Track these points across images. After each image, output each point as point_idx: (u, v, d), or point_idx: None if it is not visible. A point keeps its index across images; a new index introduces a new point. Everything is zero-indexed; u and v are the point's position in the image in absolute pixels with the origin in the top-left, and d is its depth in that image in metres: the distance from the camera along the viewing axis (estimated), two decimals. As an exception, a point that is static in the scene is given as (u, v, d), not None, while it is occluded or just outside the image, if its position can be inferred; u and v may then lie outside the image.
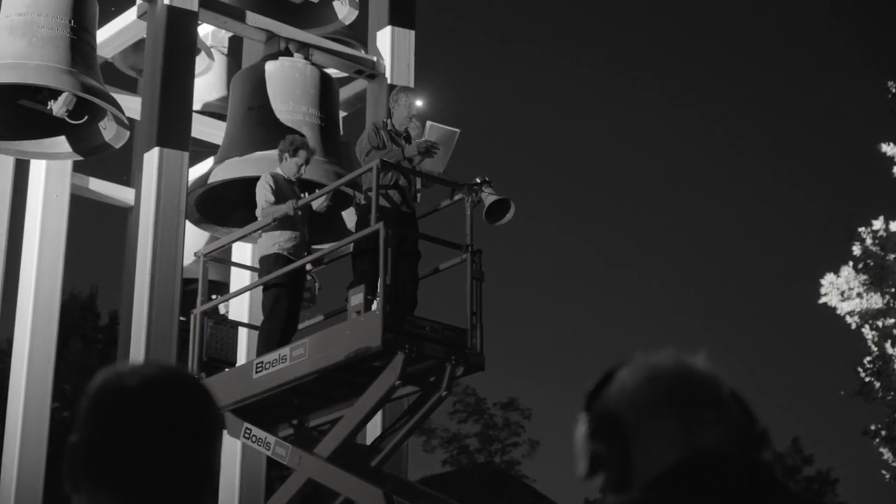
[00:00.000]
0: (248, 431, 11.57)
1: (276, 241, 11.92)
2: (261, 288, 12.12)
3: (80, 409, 2.38)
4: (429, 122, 11.64)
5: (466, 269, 11.17)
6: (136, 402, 2.33)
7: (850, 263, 29.06)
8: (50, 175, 14.55)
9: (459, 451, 47.33)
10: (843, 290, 28.80)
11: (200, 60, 15.86)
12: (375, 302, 10.73)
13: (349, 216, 14.20)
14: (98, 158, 14.13)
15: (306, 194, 12.78)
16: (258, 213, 12.02)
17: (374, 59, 15.13)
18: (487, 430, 47.57)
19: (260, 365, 11.38)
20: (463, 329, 10.98)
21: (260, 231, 12.07)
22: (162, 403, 2.33)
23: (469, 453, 47.39)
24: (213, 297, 16.03)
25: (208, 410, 2.38)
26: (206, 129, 15.57)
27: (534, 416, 48.85)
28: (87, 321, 36.70)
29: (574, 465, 2.27)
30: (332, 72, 15.11)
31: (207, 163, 15.87)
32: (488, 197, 11.42)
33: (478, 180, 11.46)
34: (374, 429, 12.86)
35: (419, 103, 12.07)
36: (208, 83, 16.78)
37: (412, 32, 15.32)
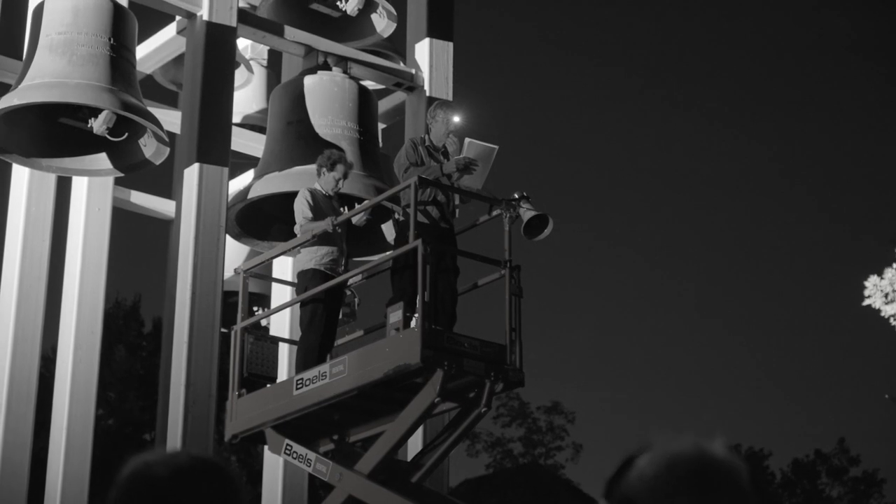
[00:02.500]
0: (289, 448, 11.62)
1: (314, 256, 11.96)
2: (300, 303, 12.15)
3: (109, 498, 2.39)
4: (467, 139, 11.63)
5: (505, 285, 11.17)
6: (164, 493, 2.33)
7: (894, 265, 28.88)
8: (92, 188, 14.64)
9: (503, 455, 47.33)
10: (886, 293, 28.62)
11: (240, 73, 15.91)
12: (414, 319, 10.74)
13: (388, 229, 14.22)
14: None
15: (345, 208, 12.80)
16: (297, 229, 12.06)
17: (413, 71, 15.16)
18: (531, 434, 47.56)
19: (300, 381, 11.42)
20: (502, 345, 10.98)
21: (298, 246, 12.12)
22: (191, 495, 2.33)
23: (513, 457, 47.38)
24: (255, 308, 16.10)
25: (237, 502, 2.38)
26: (246, 142, 15.63)
27: (577, 419, 48.79)
28: (131, 329, 36.91)
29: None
30: (371, 84, 15.14)
31: (248, 175, 15.92)
32: (526, 212, 11.41)
33: (516, 196, 11.45)
34: (415, 444, 12.89)
35: (457, 119, 12.06)
36: (248, 96, 16.84)
37: (450, 44, 15.36)
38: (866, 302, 28.77)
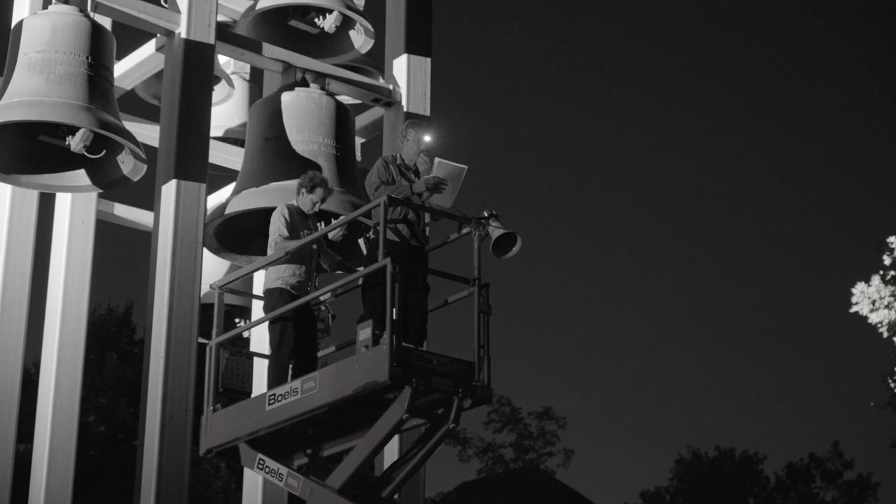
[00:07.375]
0: (261, 462, 11.75)
1: (281, 275, 12.09)
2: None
3: None
4: (437, 159, 11.75)
5: (474, 302, 11.29)
6: None
7: (881, 273, 29.00)
8: (75, 201, 14.79)
9: (495, 460, 47.44)
10: (873, 300, 28.75)
11: (221, 88, 16.06)
12: (384, 336, 10.87)
13: (365, 244, 14.35)
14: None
15: (322, 224, 12.92)
16: (270, 244, 12.19)
17: (391, 87, 15.30)
18: (522, 440, 47.66)
19: (272, 397, 11.55)
20: (470, 362, 11.10)
21: (266, 263, 12.27)
22: None
23: (504, 463, 47.48)
24: (237, 320, 16.23)
25: None
26: (228, 157, 15.76)
27: (569, 425, 48.90)
28: (122, 335, 36.99)
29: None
30: (349, 100, 15.27)
31: (228, 189, 16.05)
32: (495, 231, 11.53)
33: (485, 214, 11.58)
34: (391, 456, 13.04)
35: (427, 139, 12.19)
36: (230, 110, 16.96)
37: (428, 60, 15.50)
38: (854, 309, 28.95)
